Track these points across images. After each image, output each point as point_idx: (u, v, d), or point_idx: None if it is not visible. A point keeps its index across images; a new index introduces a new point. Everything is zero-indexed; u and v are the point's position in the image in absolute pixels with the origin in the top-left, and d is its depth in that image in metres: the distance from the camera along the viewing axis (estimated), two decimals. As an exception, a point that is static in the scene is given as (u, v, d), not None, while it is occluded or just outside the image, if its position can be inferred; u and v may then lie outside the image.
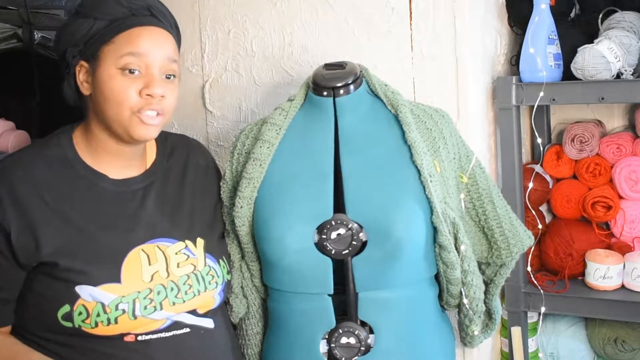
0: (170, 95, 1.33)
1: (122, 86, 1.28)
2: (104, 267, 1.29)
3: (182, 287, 1.34)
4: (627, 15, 1.72)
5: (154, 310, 1.31)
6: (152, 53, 1.30)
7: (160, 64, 1.31)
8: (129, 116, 1.29)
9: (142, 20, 1.32)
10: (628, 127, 1.96)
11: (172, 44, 1.35)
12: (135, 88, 1.28)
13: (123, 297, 1.28)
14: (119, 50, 1.29)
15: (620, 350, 1.82)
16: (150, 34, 1.31)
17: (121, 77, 1.28)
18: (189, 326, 1.37)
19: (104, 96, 1.29)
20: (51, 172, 1.33)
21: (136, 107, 1.28)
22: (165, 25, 1.35)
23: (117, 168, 1.38)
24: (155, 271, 1.33)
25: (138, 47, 1.29)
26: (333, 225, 1.36)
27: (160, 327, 1.33)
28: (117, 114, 1.29)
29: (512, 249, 1.49)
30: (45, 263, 1.28)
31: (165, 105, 1.31)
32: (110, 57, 1.29)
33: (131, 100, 1.28)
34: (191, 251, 1.39)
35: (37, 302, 1.31)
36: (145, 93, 1.28)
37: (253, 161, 1.44)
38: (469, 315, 1.49)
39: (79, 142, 1.37)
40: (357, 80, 1.45)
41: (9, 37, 1.97)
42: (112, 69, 1.28)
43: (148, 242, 1.35)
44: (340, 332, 1.39)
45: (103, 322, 1.27)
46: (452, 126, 1.50)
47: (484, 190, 1.50)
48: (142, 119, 1.29)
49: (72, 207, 1.31)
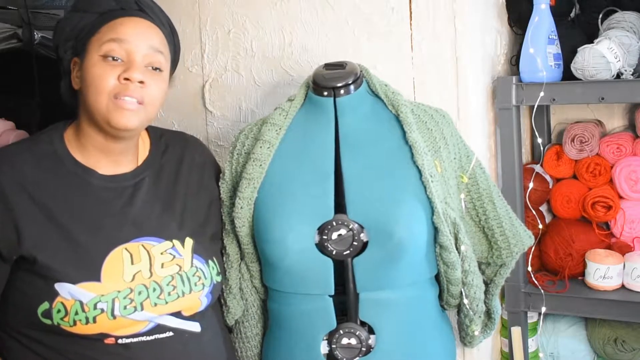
0: (154, 86, 1.31)
1: (101, 72, 1.27)
2: (83, 265, 1.28)
3: (165, 288, 1.32)
4: (627, 15, 1.72)
5: (134, 311, 1.29)
6: (134, 40, 1.30)
7: (144, 52, 1.30)
8: (106, 102, 1.27)
9: (130, 13, 1.33)
10: (628, 127, 1.96)
11: (157, 36, 1.34)
12: (114, 73, 1.27)
13: (102, 296, 1.26)
14: (102, 38, 1.29)
15: (620, 350, 1.82)
16: (135, 24, 1.32)
17: (102, 63, 1.28)
18: (173, 330, 1.34)
19: (87, 85, 1.29)
20: (39, 167, 1.32)
21: (113, 92, 1.27)
22: (154, 19, 1.35)
23: (107, 164, 1.36)
24: (138, 271, 1.31)
25: (120, 33, 1.29)
26: (334, 226, 1.36)
27: (141, 330, 1.31)
28: (95, 100, 1.28)
29: (513, 248, 1.49)
30: (25, 258, 1.27)
31: (146, 94, 1.29)
32: (94, 46, 1.30)
33: (109, 85, 1.27)
34: (178, 251, 1.37)
35: (18, 299, 1.30)
36: (123, 77, 1.27)
37: (253, 161, 1.43)
38: (469, 315, 1.49)
39: (70, 139, 1.37)
40: (358, 80, 1.45)
41: (9, 37, 1.97)
42: (95, 57, 1.29)
43: (132, 241, 1.33)
44: (341, 332, 1.39)
45: (81, 320, 1.26)
46: (452, 126, 1.50)
47: (484, 190, 1.50)
48: (120, 104, 1.27)
49: (58, 203, 1.30)
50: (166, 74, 1.36)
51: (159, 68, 1.33)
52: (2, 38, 1.95)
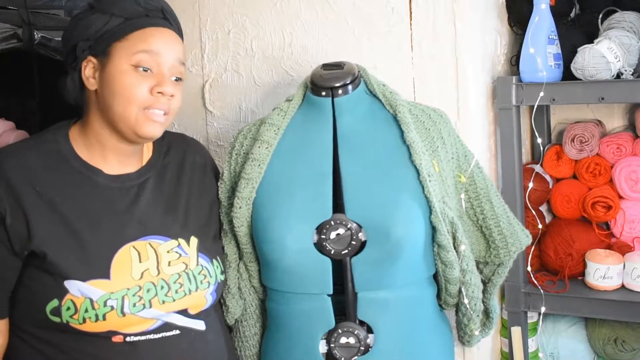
0: (178, 96, 1.35)
1: (133, 82, 1.29)
2: (93, 263, 1.28)
3: (172, 286, 1.33)
4: (627, 15, 1.72)
5: (143, 308, 1.30)
6: (164, 53, 1.32)
7: (171, 65, 1.33)
8: (136, 113, 1.30)
9: (156, 21, 1.34)
10: (628, 127, 1.95)
11: (182, 47, 1.38)
12: (146, 85, 1.30)
13: (112, 293, 1.27)
14: (133, 48, 1.30)
15: (620, 350, 1.82)
16: (163, 35, 1.34)
17: (133, 73, 1.30)
18: (179, 328, 1.35)
19: (113, 92, 1.30)
20: (44, 165, 1.33)
21: (145, 104, 1.30)
22: (175, 28, 1.38)
23: (113, 164, 1.37)
24: (146, 269, 1.32)
25: (152, 45, 1.31)
26: (332, 226, 1.36)
27: (149, 328, 1.32)
28: (124, 110, 1.30)
29: (510, 248, 1.49)
30: (35, 253, 1.28)
31: (172, 105, 1.34)
32: (122, 54, 1.30)
33: (141, 97, 1.29)
34: (183, 250, 1.38)
35: (27, 296, 1.31)
36: (157, 90, 1.30)
37: (252, 162, 1.44)
38: (468, 315, 1.49)
39: (75, 138, 1.37)
40: (356, 80, 1.45)
41: (9, 37, 1.97)
42: (125, 65, 1.30)
43: (140, 239, 1.34)
44: (340, 332, 1.39)
45: (91, 318, 1.26)
46: (450, 126, 1.50)
47: (482, 190, 1.50)
48: (150, 116, 1.30)
49: (64, 200, 1.31)
50: (183, 81, 1.39)
51: (181, 78, 1.37)
52: (2, 38, 1.95)
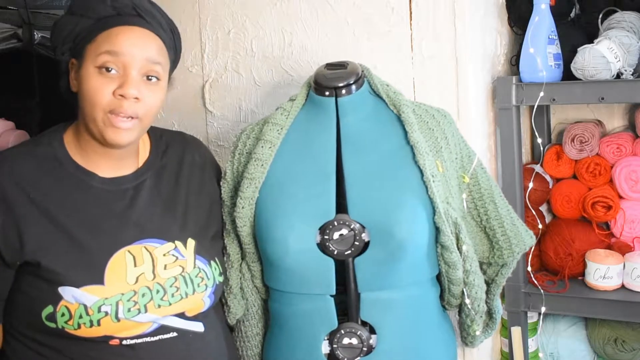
0: (150, 97, 1.29)
1: (97, 85, 1.25)
2: (86, 269, 1.27)
3: (168, 290, 1.32)
4: (627, 15, 1.72)
5: (138, 313, 1.28)
6: (130, 52, 1.26)
7: (140, 65, 1.27)
8: (102, 117, 1.25)
9: (127, 19, 1.29)
10: (628, 127, 1.96)
11: (155, 45, 1.31)
12: (110, 88, 1.25)
13: (106, 299, 1.26)
14: (98, 49, 1.27)
15: (620, 350, 1.82)
16: (131, 34, 1.29)
17: (98, 75, 1.25)
18: (177, 330, 1.34)
19: (82, 95, 1.27)
20: (39, 170, 1.31)
21: (108, 108, 1.25)
22: (153, 26, 1.32)
23: (107, 167, 1.35)
24: (141, 273, 1.30)
25: (115, 45, 1.26)
26: (335, 226, 1.36)
27: (146, 331, 1.31)
28: (91, 113, 1.26)
29: (514, 248, 1.49)
30: (29, 262, 1.27)
31: (140, 108, 1.27)
32: (90, 56, 1.27)
33: (104, 100, 1.25)
34: (180, 252, 1.36)
35: (23, 302, 1.30)
36: (119, 93, 1.24)
37: (255, 161, 1.43)
38: (471, 315, 1.49)
39: (69, 141, 1.36)
40: (359, 80, 1.45)
41: (9, 37, 1.97)
42: (91, 68, 1.26)
43: (135, 243, 1.32)
44: (342, 332, 1.39)
45: (85, 323, 1.25)
46: (454, 126, 1.50)
47: (485, 190, 1.50)
48: (114, 121, 1.25)
49: (58, 206, 1.30)
50: (164, 81, 1.33)
51: (155, 77, 1.30)
52: (2, 38, 1.94)
